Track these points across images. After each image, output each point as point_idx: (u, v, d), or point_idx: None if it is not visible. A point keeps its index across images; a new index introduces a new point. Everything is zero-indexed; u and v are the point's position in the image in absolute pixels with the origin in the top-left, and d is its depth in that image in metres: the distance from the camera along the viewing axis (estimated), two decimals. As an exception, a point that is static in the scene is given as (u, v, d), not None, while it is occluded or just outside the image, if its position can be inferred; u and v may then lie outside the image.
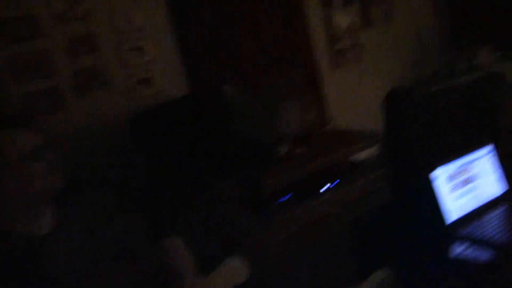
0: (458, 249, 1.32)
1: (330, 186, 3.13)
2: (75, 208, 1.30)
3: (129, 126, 2.71)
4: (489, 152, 1.59)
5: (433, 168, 1.45)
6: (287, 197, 3.00)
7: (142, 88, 3.06)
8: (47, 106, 2.70)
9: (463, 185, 1.50)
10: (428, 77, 3.74)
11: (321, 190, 3.09)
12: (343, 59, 4.01)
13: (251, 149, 3.19)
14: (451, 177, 1.49)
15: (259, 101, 3.33)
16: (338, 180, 3.15)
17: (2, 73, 2.59)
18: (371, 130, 3.49)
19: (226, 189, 2.78)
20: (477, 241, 1.32)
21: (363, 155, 3.69)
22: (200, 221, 1.47)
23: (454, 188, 1.48)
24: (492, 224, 1.42)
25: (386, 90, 4.22)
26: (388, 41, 4.29)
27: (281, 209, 2.91)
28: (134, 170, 2.78)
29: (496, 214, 1.48)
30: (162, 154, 2.80)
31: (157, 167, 2.76)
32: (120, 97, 2.99)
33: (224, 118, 3.12)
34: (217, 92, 3.14)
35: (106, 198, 1.37)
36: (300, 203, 2.97)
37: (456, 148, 1.58)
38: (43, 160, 1.16)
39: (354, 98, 4.10)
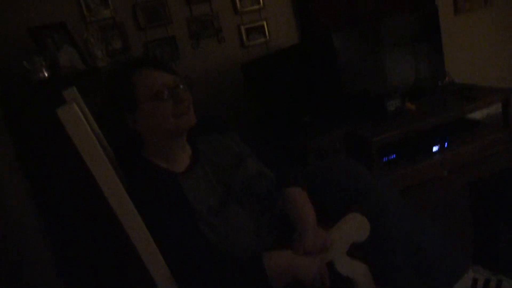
0: None
1: (444, 145, 2.95)
2: (208, 150, 1.38)
3: (242, 74, 2.75)
4: None
5: None
6: (394, 155, 2.89)
7: (254, 36, 3.06)
8: (166, 54, 2.82)
9: None
10: None
11: (434, 150, 2.93)
12: (468, 3, 3.63)
13: (359, 102, 3.09)
14: None
15: (370, 50, 3.17)
16: (449, 140, 2.95)
17: (127, 21, 2.74)
18: (493, 87, 3.20)
19: (332, 141, 2.74)
20: None
21: (483, 113, 3.43)
22: (321, 173, 1.47)
23: None
24: None
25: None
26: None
27: (390, 167, 2.83)
28: (247, 119, 2.85)
29: None
30: (272, 103, 2.82)
31: (267, 116, 2.79)
32: (232, 45, 3.03)
33: (333, 68, 3.03)
34: (327, 40, 3.03)
35: (235, 143, 1.43)
36: (409, 162, 2.85)
37: None
38: (178, 99, 1.23)
39: (477, 49, 3.75)
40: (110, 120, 1.33)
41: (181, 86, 1.25)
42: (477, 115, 3.35)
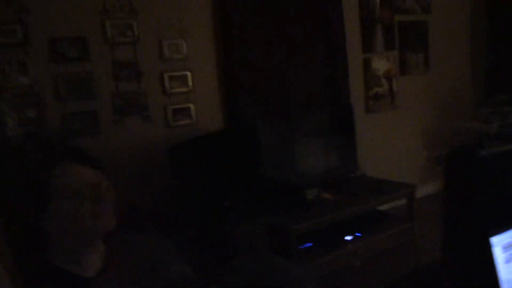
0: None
1: (356, 235, 3.06)
2: (124, 252, 1.23)
3: (167, 155, 2.69)
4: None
5: (492, 233, 1.40)
6: (310, 244, 2.93)
7: (180, 117, 3.06)
8: (86, 128, 2.70)
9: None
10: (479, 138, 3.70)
11: (346, 239, 3.02)
12: (378, 105, 4.00)
13: (279, 190, 3.15)
14: (508, 247, 1.42)
15: (291, 141, 3.31)
16: (361, 231, 3.08)
17: (46, 91, 2.61)
18: (399, 182, 3.46)
19: (252, 229, 2.72)
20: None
21: (391, 204, 3.64)
22: (249, 272, 1.42)
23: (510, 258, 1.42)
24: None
25: (419, 140, 4.20)
26: (423, 89, 4.29)
27: (307, 255, 2.85)
28: (170, 202, 2.75)
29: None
30: (195, 187, 2.77)
31: (190, 198, 2.72)
32: (158, 124, 2.99)
33: (255, 155, 3.09)
34: (252, 127, 3.12)
35: (156, 244, 1.30)
36: (325, 250, 2.90)
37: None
38: (100, 200, 1.11)
39: (386, 145, 4.08)
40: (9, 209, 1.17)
41: (104, 184, 1.13)
42: (386, 206, 3.57)
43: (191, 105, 3.11)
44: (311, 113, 3.49)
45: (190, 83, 3.09)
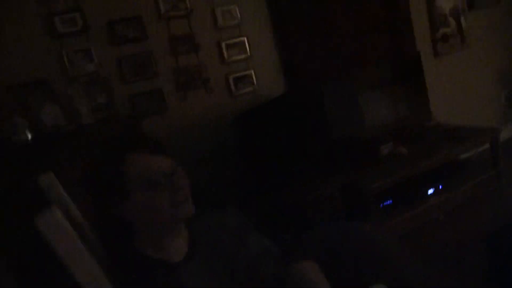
0: None
1: (438, 188, 2.93)
2: (207, 233, 1.24)
3: (231, 126, 2.66)
4: None
5: None
6: (390, 201, 2.83)
7: (241, 85, 3.01)
8: (153, 107, 2.73)
9: None
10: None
11: (429, 193, 2.89)
12: (446, 46, 3.73)
13: (351, 149, 3.05)
14: None
15: (359, 95, 3.17)
16: (443, 184, 2.94)
17: (111, 75, 2.64)
18: (478, 127, 3.24)
19: (328, 192, 2.66)
20: None
21: (472, 153, 3.44)
22: (331, 241, 1.38)
23: None
24: None
25: (495, 79, 3.89)
26: (496, 24, 3.94)
27: (387, 213, 2.76)
28: (238, 172, 2.75)
29: None
30: (262, 155, 2.74)
31: (258, 168, 2.70)
32: (221, 95, 2.96)
33: (321, 117, 3.00)
34: (314, 89, 3.02)
35: (235, 220, 1.30)
36: (406, 207, 2.80)
37: None
38: (177, 188, 1.11)
39: (459, 90, 3.83)
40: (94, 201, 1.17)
41: (179, 172, 1.13)
42: (467, 154, 3.37)
43: (252, 72, 3.04)
44: (375, 64, 3.31)
45: (247, 49, 3.02)
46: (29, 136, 2.02)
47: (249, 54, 3.02)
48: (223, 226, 1.27)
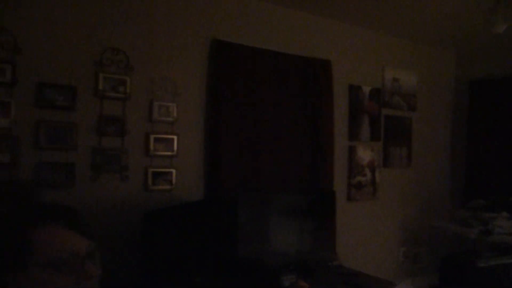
0: None
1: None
2: None
3: (142, 220, 2.49)
4: None
5: None
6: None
7: (159, 181, 2.91)
8: (59, 180, 2.52)
9: None
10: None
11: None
12: (359, 193, 3.96)
13: (254, 271, 2.96)
14: None
15: (270, 221, 3.18)
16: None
17: (25, 136, 2.45)
18: (377, 277, 3.32)
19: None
20: None
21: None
22: None
23: None
24: None
25: (397, 234, 4.11)
26: (404, 183, 4.30)
27: None
28: (142, 270, 2.51)
29: None
30: (166, 258, 2.56)
31: (159, 270, 2.50)
32: (135, 186, 2.83)
33: (233, 231, 2.94)
34: (230, 202, 2.99)
35: None
36: None
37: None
38: (85, 275, 0.93)
39: (365, 236, 3.99)
40: None
41: (94, 257, 0.97)
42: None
43: (173, 171, 2.98)
44: (293, 194, 3.40)
45: (175, 147, 2.99)
46: None
47: (175, 152, 2.98)
48: None
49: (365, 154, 4.02)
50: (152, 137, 2.90)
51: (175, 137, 2.99)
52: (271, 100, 3.40)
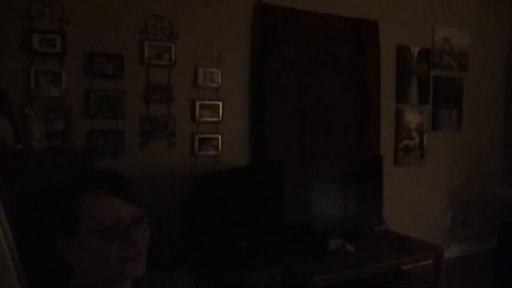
0: None
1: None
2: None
3: (191, 185, 2.55)
4: None
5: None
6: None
7: (206, 146, 2.95)
8: (110, 148, 2.60)
9: None
10: None
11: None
12: (407, 158, 3.87)
13: (301, 235, 2.99)
14: None
15: (316, 187, 3.18)
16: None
17: (76, 105, 2.53)
18: (425, 242, 3.28)
19: (270, 275, 2.55)
20: None
21: (415, 265, 3.45)
22: None
23: None
24: None
25: (445, 199, 4.02)
26: (454, 147, 4.16)
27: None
28: (188, 233, 2.60)
29: None
30: (215, 221, 2.62)
31: (208, 234, 2.57)
32: (183, 151, 2.88)
33: (278, 197, 2.96)
34: (276, 168, 3.00)
35: (182, 284, 1.16)
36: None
37: None
38: (131, 242, 0.95)
39: (412, 201, 3.92)
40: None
41: (141, 224, 0.98)
42: (409, 265, 3.38)
43: (219, 136, 3.00)
44: (339, 159, 3.37)
45: (220, 113, 3.00)
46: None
47: (220, 119, 3.00)
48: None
49: (413, 117, 3.90)
50: (197, 103, 2.92)
51: (220, 103, 3.00)
52: (317, 63, 3.32)
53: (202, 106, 2.94)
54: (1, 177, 1.69)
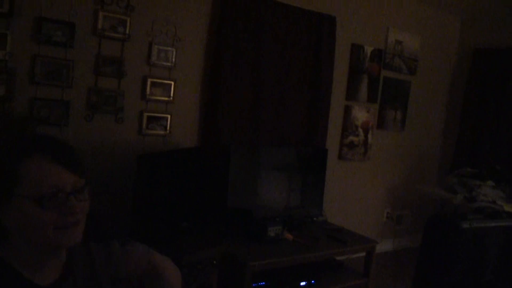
0: None
1: (311, 282, 2.97)
2: (85, 262, 1.10)
3: (135, 163, 2.52)
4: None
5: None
6: (264, 283, 2.81)
7: (154, 125, 2.92)
8: (53, 117, 2.52)
9: None
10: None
11: (301, 284, 2.92)
12: (350, 153, 4.01)
13: (241, 220, 3.04)
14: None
15: (259, 173, 3.24)
16: (316, 279, 3.01)
17: (20, 70, 2.43)
18: (360, 235, 3.42)
19: (207, 258, 2.58)
20: None
21: (348, 257, 3.60)
22: None
23: None
24: None
25: (383, 195, 4.18)
26: (396, 147, 4.35)
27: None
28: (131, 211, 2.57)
29: None
30: (158, 201, 2.61)
31: (148, 212, 2.56)
32: (130, 128, 2.84)
33: (223, 180, 2.99)
34: (224, 151, 3.03)
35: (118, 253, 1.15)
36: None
37: None
38: (69, 211, 0.94)
39: (351, 194, 4.08)
40: None
41: (82, 193, 0.97)
42: (343, 256, 3.52)
43: (168, 116, 2.98)
44: (286, 149, 3.44)
45: (172, 93, 2.97)
46: None
47: (171, 98, 2.97)
48: (104, 258, 1.12)
49: (360, 115, 4.04)
50: (149, 81, 2.88)
51: (172, 83, 2.97)
52: (273, 52, 3.36)
53: (154, 84, 2.90)
54: None
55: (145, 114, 2.88)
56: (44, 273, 0.99)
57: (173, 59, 2.95)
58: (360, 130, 4.06)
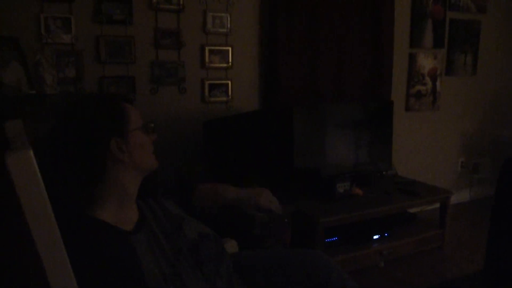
0: None
1: (384, 235, 2.96)
2: (153, 213, 1.30)
3: (203, 130, 2.61)
4: None
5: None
6: (336, 238, 2.84)
7: (216, 92, 2.98)
8: (123, 93, 2.65)
9: None
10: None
11: (374, 238, 2.92)
12: (418, 103, 3.85)
13: (309, 179, 3.06)
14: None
15: (325, 131, 3.21)
16: (389, 232, 2.98)
17: (86, 51, 2.56)
18: (433, 186, 3.33)
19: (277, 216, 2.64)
20: None
21: (422, 209, 3.52)
22: (289, 264, 1.47)
23: None
24: None
25: (456, 145, 4.00)
26: (467, 93, 4.12)
27: (332, 249, 2.76)
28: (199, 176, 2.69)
29: None
30: (225, 166, 2.69)
31: (218, 177, 2.65)
32: (193, 97, 2.92)
33: (288, 141, 3.00)
34: (286, 113, 3.03)
35: (173, 209, 1.36)
36: (351, 247, 2.82)
37: None
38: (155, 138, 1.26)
39: (422, 147, 3.94)
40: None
41: (152, 125, 1.26)
42: (417, 209, 3.45)
43: (229, 82, 3.02)
44: (349, 104, 3.37)
45: (230, 59, 3.00)
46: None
47: (230, 64, 3.00)
48: (163, 211, 1.32)
49: (426, 62, 3.84)
50: (207, 48, 2.92)
51: (229, 49, 2.99)
52: (330, 6, 3.25)
53: (212, 52, 2.94)
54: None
55: (206, 82, 2.94)
56: (126, 221, 1.19)
57: (228, 25, 2.96)
58: (427, 78, 3.87)
